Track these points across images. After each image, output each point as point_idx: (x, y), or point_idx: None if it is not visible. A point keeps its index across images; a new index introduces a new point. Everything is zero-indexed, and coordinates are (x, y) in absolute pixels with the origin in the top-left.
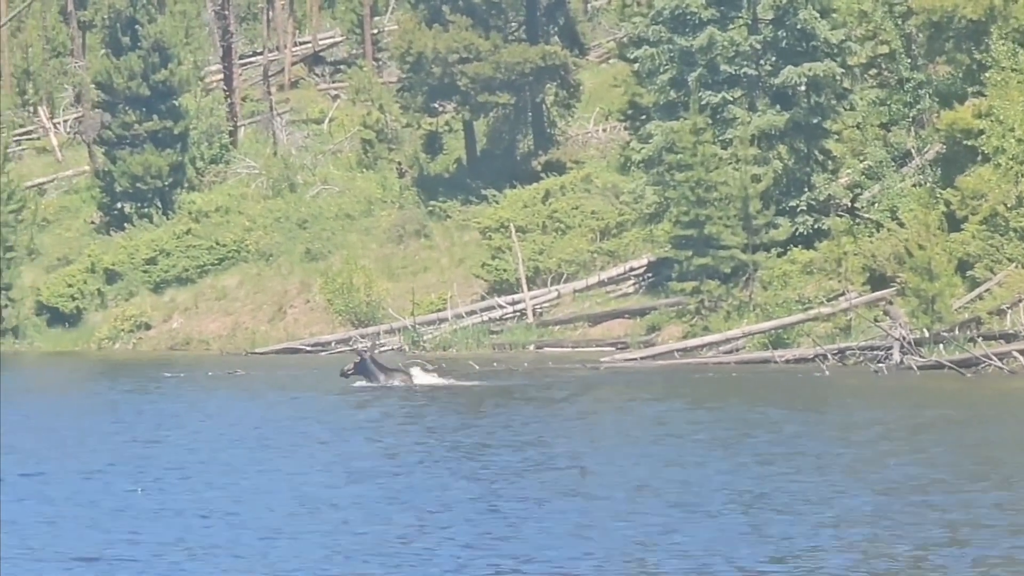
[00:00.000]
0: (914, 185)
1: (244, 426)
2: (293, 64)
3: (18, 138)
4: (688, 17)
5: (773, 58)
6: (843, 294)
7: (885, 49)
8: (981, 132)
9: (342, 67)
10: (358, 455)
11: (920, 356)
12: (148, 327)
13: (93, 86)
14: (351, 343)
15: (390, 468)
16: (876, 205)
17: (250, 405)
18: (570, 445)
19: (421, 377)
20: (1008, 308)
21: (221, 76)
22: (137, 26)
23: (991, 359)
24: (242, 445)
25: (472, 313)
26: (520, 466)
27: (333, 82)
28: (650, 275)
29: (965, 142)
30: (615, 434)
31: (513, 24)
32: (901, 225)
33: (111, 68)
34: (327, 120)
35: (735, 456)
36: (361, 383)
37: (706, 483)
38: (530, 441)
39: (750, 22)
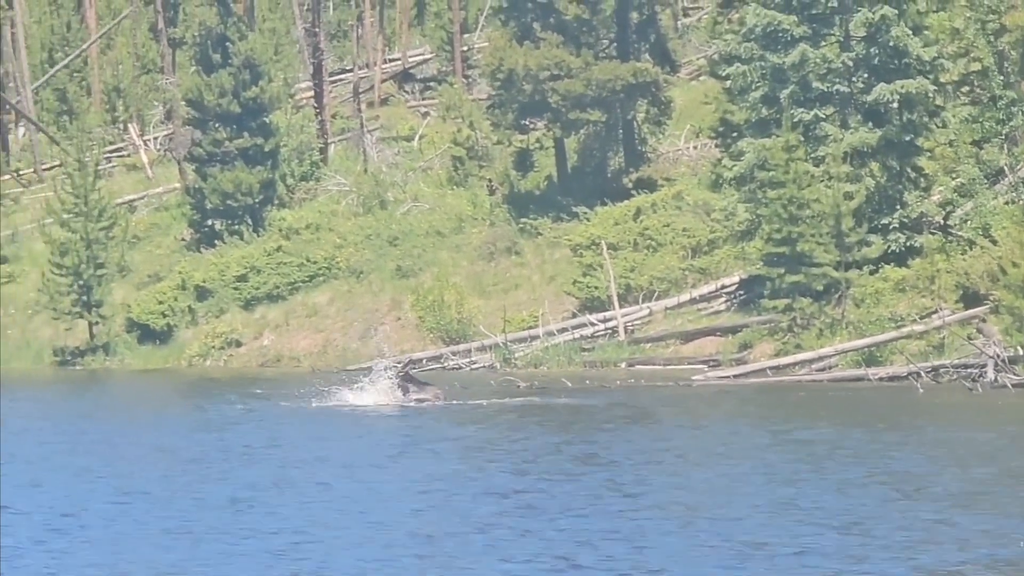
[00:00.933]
0: (1007, 203)
1: (368, 444)
2: (383, 81)
3: (108, 155)
4: (780, 34)
5: (865, 75)
6: (936, 312)
7: (977, 66)
8: None
9: (431, 84)
10: (472, 474)
11: (1014, 374)
12: (239, 344)
13: (184, 103)
14: (442, 360)
15: (525, 486)
16: (968, 223)
17: (364, 424)
18: (678, 464)
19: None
20: None
21: (311, 93)
22: (228, 43)
23: None
24: (375, 463)
25: (563, 330)
26: (636, 483)
27: (423, 99)
28: (742, 292)
29: None
30: (726, 452)
31: (604, 41)
32: (994, 243)
33: (202, 85)
34: (417, 137)
35: (847, 473)
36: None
37: (827, 502)
38: (645, 459)
39: (842, 39)
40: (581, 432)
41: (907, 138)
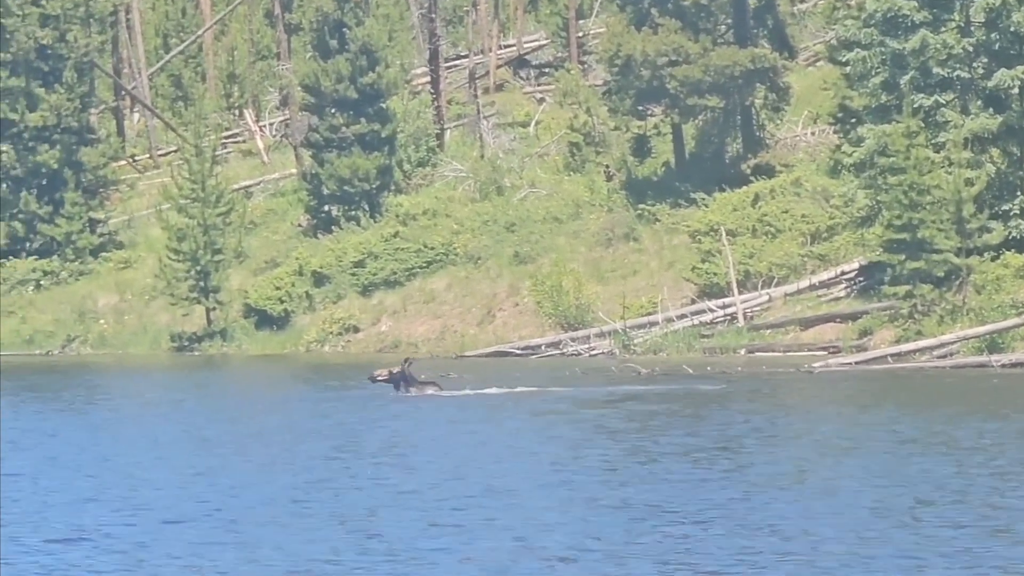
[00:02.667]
0: None
1: (502, 433)
2: (498, 67)
3: (224, 141)
4: (900, 20)
5: (985, 61)
6: None
7: None
8: None
9: (547, 70)
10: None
11: None
12: (356, 330)
13: (300, 89)
14: (561, 346)
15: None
16: None
17: (488, 409)
18: (807, 451)
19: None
20: None
21: (427, 79)
22: (345, 29)
23: None
24: (512, 454)
25: (682, 317)
26: (774, 475)
27: (538, 85)
28: (862, 279)
29: None
30: (857, 441)
31: (722, 27)
32: None
33: (319, 71)
34: (533, 123)
35: (998, 462)
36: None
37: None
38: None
39: (962, 24)
40: (711, 420)
41: None
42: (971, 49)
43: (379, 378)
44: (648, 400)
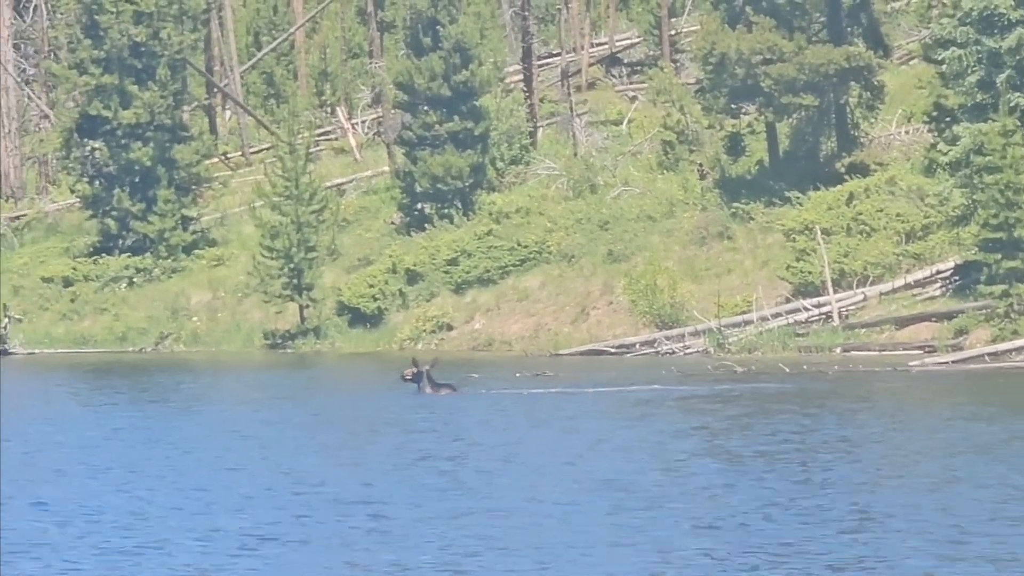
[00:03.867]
0: None
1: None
2: (590, 65)
3: (316, 139)
4: (996, 18)
5: None
6: None
7: None
8: None
9: (639, 68)
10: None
11: None
12: (450, 328)
13: (393, 87)
14: (655, 344)
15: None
16: None
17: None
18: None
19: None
20: None
21: (519, 77)
22: (438, 27)
23: None
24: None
25: (777, 315)
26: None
27: (630, 83)
28: (957, 278)
29: None
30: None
31: (816, 25)
32: None
33: (412, 69)
34: (626, 121)
35: None
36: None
37: None
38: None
39: None
40: (819, 419)
41: None
42: None
43: (407, 377)
44: (752, 399)
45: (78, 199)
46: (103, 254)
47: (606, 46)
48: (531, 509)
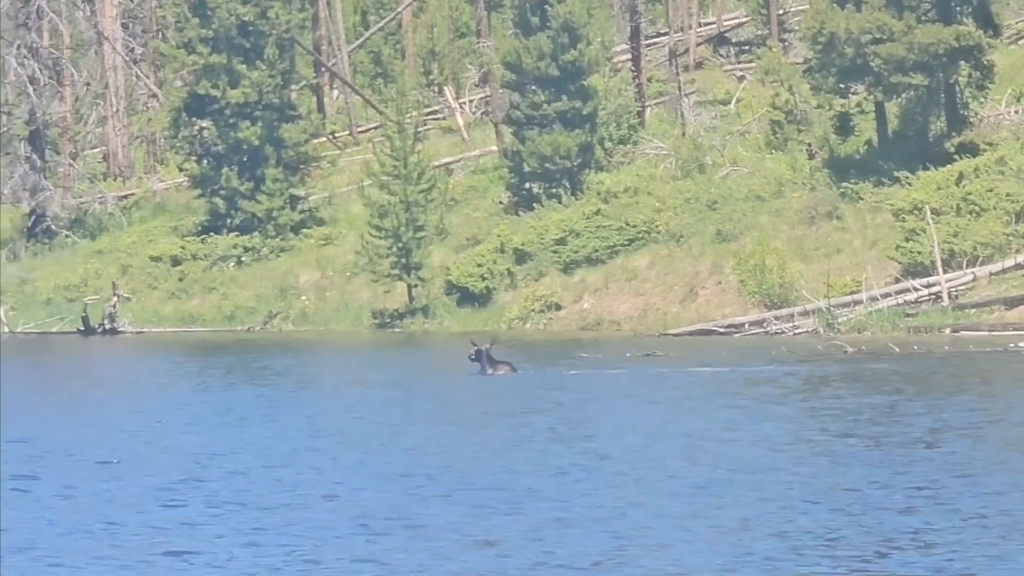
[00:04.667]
0: None
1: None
2: (698, 45)
3: (424, 118)
4: None
5: None
6: None
7: None
8: None
9: (747, 48)
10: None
11: None
12: (558, 307)
13: (501, 66)
14: (764, 324)
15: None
16: None
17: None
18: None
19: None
20: None
21: (628, 57)
22: (547, 6)
23: None
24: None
25: (886, 295)
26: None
27: (738, 63)
28: None
29: None
30: None
31: (925, 4)
32: None
33: (520, 48)
34: (734, 101)
35: None
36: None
37: None
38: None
39: None
40: (935, 400)
41: None
42: None
43: (472, 357)
44: (867, 379)
45: (186, 178)
46: (211, 233)
47: (714, 25)
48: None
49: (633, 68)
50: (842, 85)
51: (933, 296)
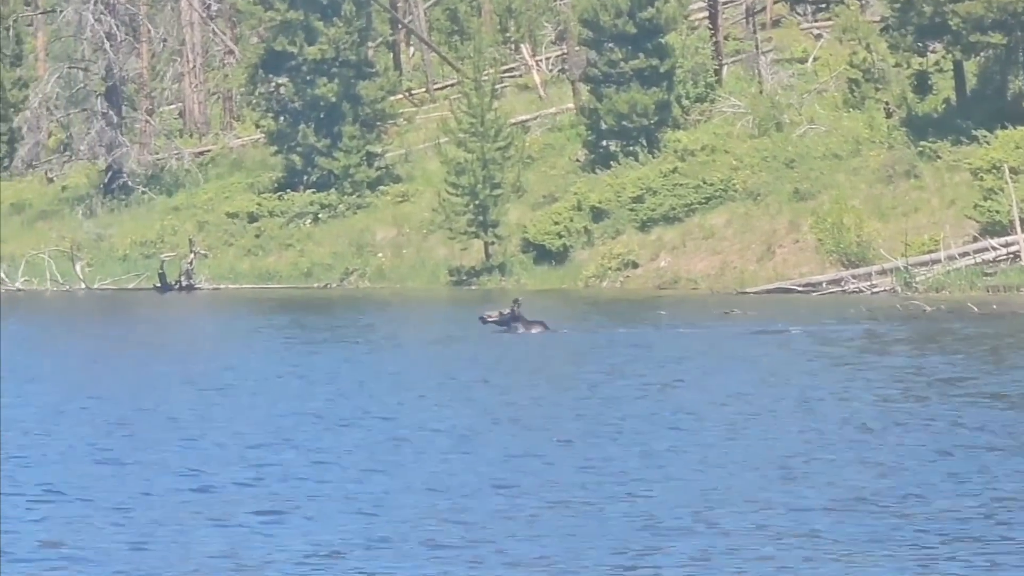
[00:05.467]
0: None
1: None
2: (775, 2)
3: (500, 75)
4: None
5: None
6: None
7: None
8: None
9: (824, 5)
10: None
11: None
12: (635, 265)
13: (578, 23)
14: (842, 283)
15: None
16: None
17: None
18: None
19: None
20: None
21: (705, 15)
22: None
23: None
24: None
25: (964, 255)
26: None
27: (815, 21)
28: None
29: None
30: None
31: None
32: None
33: (597, 5)
34: (811, 59)
35: None
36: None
37: None
38: None
39: None
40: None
41: None
42: None
43: (489, 319)
44: (952, 338)
45: (263, 135)
46: (288, 190)
47: None
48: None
49: (710, 26)
50: (920, 43)
51: (1011, 255)
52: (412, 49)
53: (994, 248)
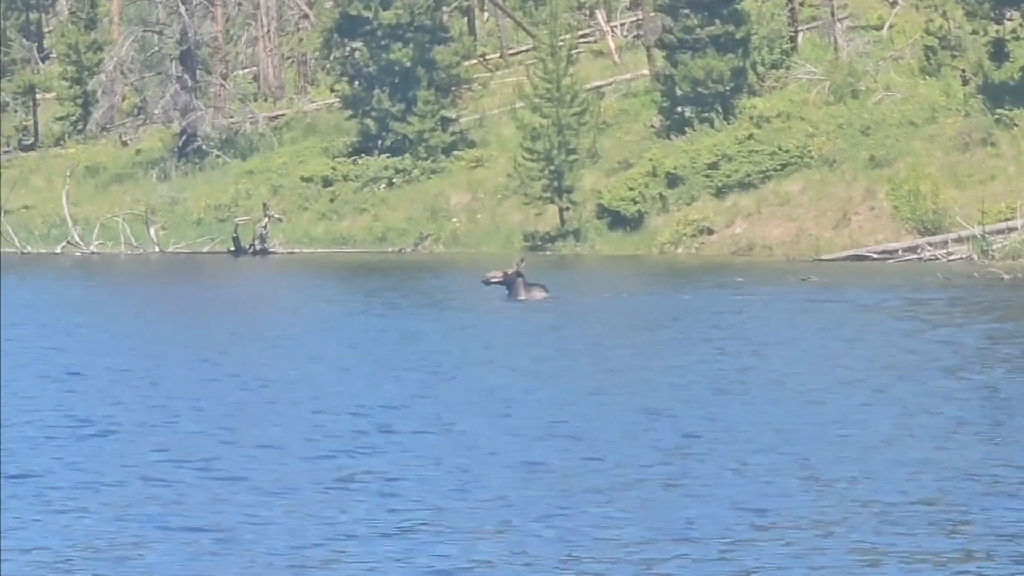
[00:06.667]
0: None
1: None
2: None
3: (575, 41)
4: None
5: None
6: None
7: None
8: None
9: None
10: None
11: None
12: (710, 232)
13: None
14: (918, 251)
15: None
16: None
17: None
18: None
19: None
20: None
21: None
22: None
23: None
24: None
25: None
26: None
27: None
28: None
29: None
30: None
31: None
32: None
33: None
34: (887, 26)
35: None
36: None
37: None
38: None
39: None
40: None
41: None
42: None
43: (492, 280)
44: None
45: (337, 99)
46: (362, 154)
47: None
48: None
49: None
50: (997, 11)
51: None
52: (487, 14)
53: None
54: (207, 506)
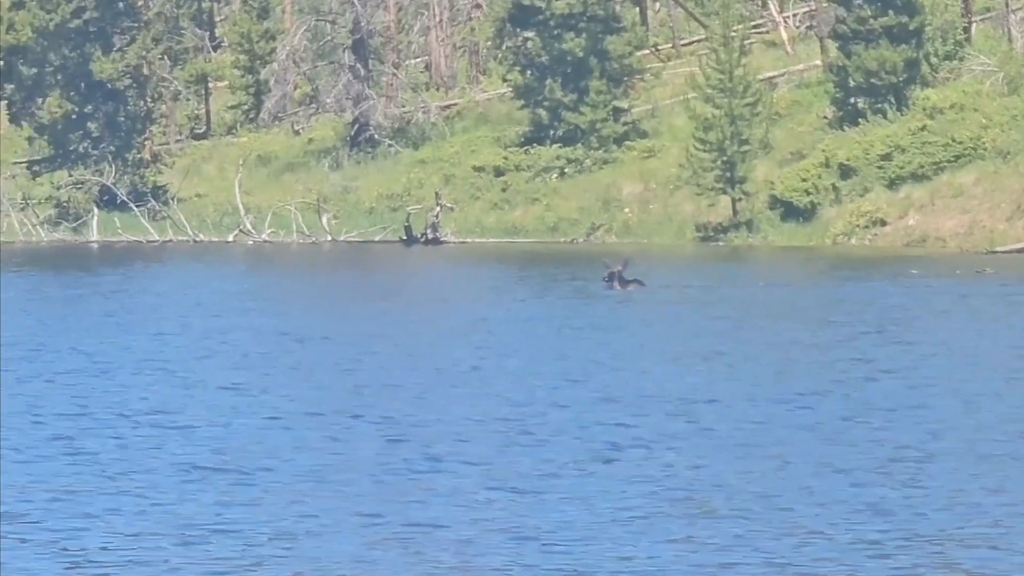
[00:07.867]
0: None
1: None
2: None
3: (747, 32)
4: None
5: None
6: None
7: None
8: None
9: None
10: None
11: None
12: (883, 223)
13: None
14: None
15: None
16: None
17: None
18: None
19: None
20: None
21: None
22: None
23: None
24: None
25: None
26: None
27: None
28: None
29: None
30: None
31: None
32: None
33: None
34: None
35: None
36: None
37: None
38: None
39: None
40: None
41: None
42: None
43: (605, 278)
44: None
45: (509, 89)
46: (534, 144)
47: None
48: None
49: None
50: None
51: None
52: (658, 5)
53: None
54: None
